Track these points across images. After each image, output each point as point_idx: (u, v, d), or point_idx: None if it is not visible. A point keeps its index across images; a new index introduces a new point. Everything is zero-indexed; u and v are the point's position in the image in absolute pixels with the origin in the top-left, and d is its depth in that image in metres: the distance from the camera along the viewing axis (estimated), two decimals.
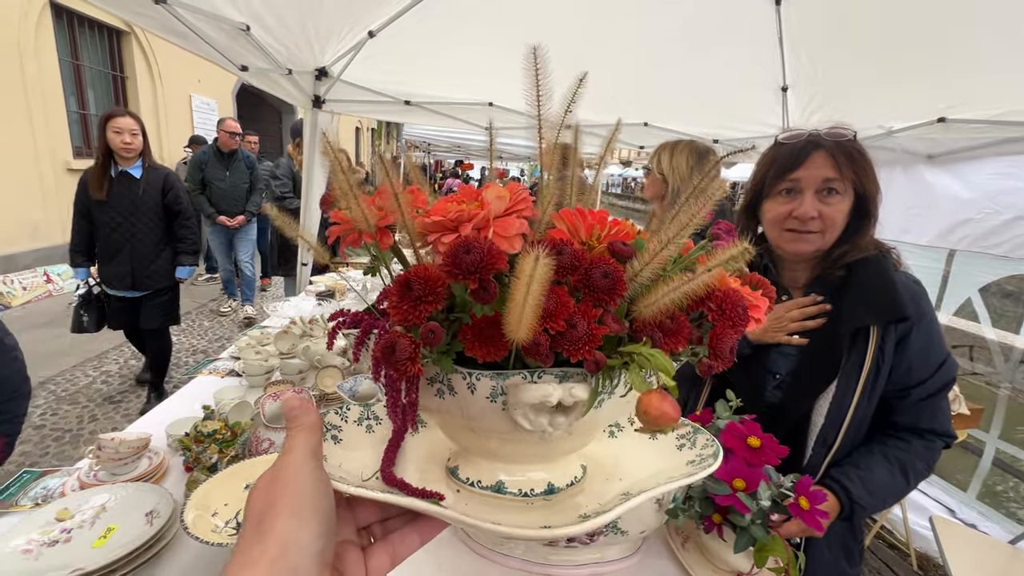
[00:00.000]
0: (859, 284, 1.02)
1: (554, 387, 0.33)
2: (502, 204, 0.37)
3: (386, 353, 0.32)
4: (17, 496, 1.17)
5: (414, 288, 0.33)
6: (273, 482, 0.30)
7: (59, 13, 5.89)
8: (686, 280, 0.35)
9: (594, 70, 1.98)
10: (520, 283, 0.30)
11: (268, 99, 11.76)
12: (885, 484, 0.99)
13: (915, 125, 2.39)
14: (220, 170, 4.66)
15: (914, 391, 1.01)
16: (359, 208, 0.39)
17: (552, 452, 0.41)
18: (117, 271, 2.99)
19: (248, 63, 2.35)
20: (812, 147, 1.00)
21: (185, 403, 1.66)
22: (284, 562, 0.27)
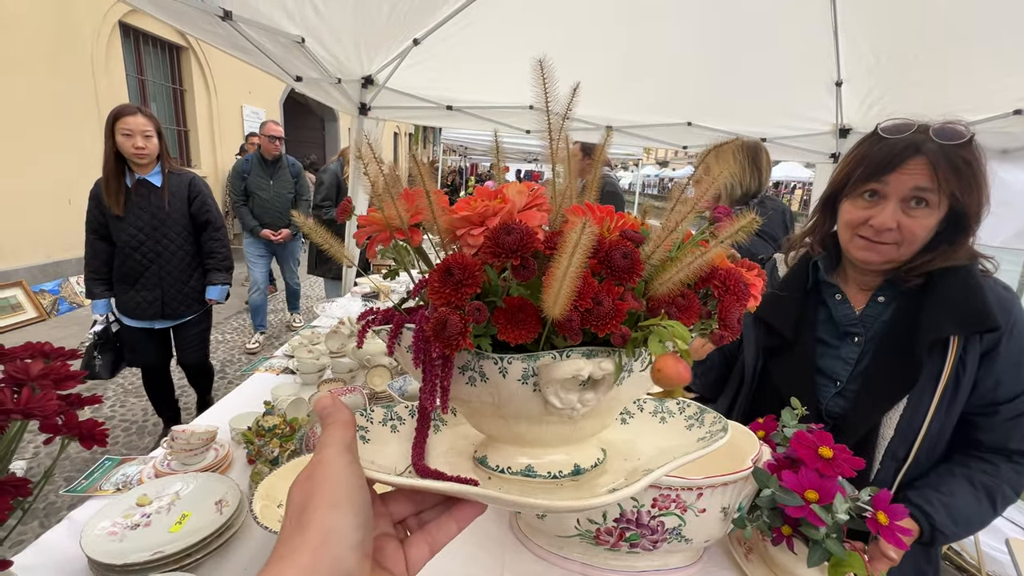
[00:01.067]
0: (940, 290, 0.93)
1: (584, 362, 0.36)
2: (523, 198, 0.40)
3: (438, 329, 0.34)
4: (100, 481, 1.26)
5: (455, 273, 0.36)
6: (310, 477, 0.31)
7: (126, 32, 6.33)
8: (698, 255, 0.38)
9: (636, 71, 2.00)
10: (563, 254, 0.33)
11: (311, 107, 12.22)
12: (970, 512, 0.91)
13: (989, 118, 2.24)
14: (263, 179, 4.26)
15: (1003, 408, 0.93)
16: (393, 206, 0.42)
17: (576, 434, 0.43)
18: (142, 298, 2.51)
19: (302, 73, 2.46)
20: (912, 151, 0.89)
21: (244, 398, 1.74)
22: (326, 551, 0.28)
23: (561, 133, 0.47)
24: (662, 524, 0.73)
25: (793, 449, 0.77)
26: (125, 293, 2.53)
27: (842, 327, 1.06)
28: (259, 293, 4.52)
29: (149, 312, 2.54)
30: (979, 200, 0.90)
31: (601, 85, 3.01)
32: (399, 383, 1.59)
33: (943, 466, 0.97)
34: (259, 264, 4.48)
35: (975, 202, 0.90)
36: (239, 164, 4.33)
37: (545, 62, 0.44)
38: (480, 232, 0.38)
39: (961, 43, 2.09)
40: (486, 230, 0.38)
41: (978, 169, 0.89)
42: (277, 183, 4.33)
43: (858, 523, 0.72)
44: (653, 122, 3.38)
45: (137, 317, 2.55)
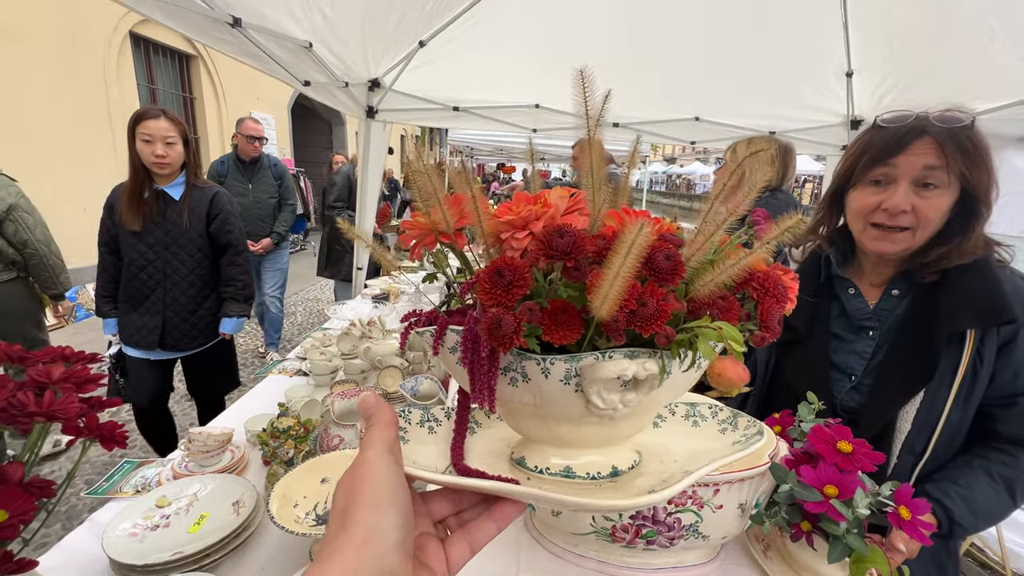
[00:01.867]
0: (957, 283, 0.92)
1: (628, 362, 0.37)
2: (564, 203, 0.41)
3: (493, 328, 0.35)
4: (120, 484, 1.28)
5: (505, 275, 0.37)
6: (352, 478, 0.32)
7: (137, 42, 6.43)
8: (741, 257, 0.39)
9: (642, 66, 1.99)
10: (619, 253, 0.34)
11: (319, 111, 12.33)
12: (989, 504, 0.90)
13: (1005, 105, 2.19)
14: (241, 182, 3.73)
15: (1022, 399, 0.92)
16: (442, 210, 0.43)
17: (614, 436, 0.44)
18: (143, 323, 2.21)
19: (310, 78, 2.48)
20: (917, 133, 0.89)
21: (259, 400, 1.76)
22: (368, 550, 0.28)
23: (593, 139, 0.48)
24: (679, 521, 0.72)
25: (811, 444, 0.76)
26: (127, 315, 2.24)
27: (856, 321, 1.05)
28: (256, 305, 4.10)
29: (147, 340, 2.21)
30: (988, 180, 0.89)
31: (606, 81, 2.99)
32: (411, 383, 1.60)
33: (961, 458, 0.96)
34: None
35: (984, 182, 0.89)
36: (214, 167, 3.80)
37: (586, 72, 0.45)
38: (524, 236, 0.40)
39: (976, 28, 2.05)
40: (530, 234, 0.40)
41: (984, 150, 0.88)
42: (257, 187, 3.82)
43: (879, 518, 0.71)
44: (660, 118, 3.36)
45: (134, 344, 2.23)
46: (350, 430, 1.32)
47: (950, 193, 0.89)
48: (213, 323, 2.36)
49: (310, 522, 1.01)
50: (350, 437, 1.32)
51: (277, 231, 3.93)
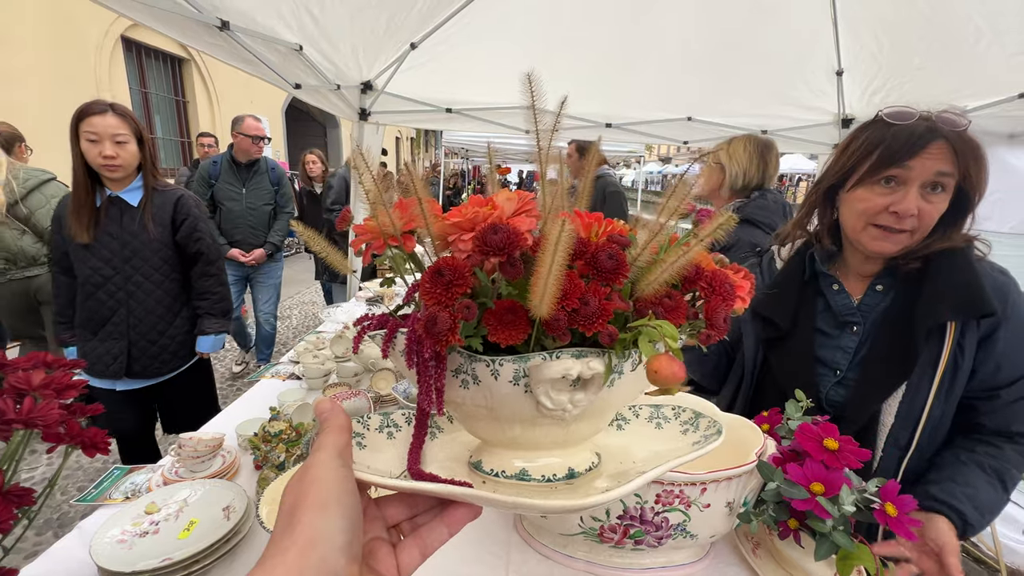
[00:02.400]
0: (937, 277, 0.93)
1: (573, 362, 0.37)
2: (512, 205, 0.41)
3: (429, 326, 0.35)
4: (110, 490, 1.27)
5: (445, 274, 0.37)
6: (301, 480, 0.32)
7: (129, 46, 6.41)
8: (681, 254, 0.39)
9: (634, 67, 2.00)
10: (546, 251, 0.34)
11: (313, 114, 12.31)
12: (990, 499, 0.90)
13: (995, 102, 2.21)
14: (234, 186, 3.38)
15: (1004, 392, 0.92)
16: (387, 214, 0.43)
17: (570, 438, 0.44)
18: (105, 350, 1.92)
19: (301, 81, 2.47)
20: (932, 136, 0.87)
21: (251, 405, 1.75)
22: (313, 552, 0.28)
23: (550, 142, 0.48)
24: (666, 520, 0.72)
25: (798, 441, 0.76)
26: (87, 342, 1.95)
27: (840, 317, 1.05)
28: (234, 321, 3.62)
29: (111, 368, 1.92)
30: (984, 181, 0.91)
31: (599, 81, 3.01)
32: (403, 386, 1.60)
33: (948, 453, 0.96)
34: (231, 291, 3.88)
35: (982, 183, 0.90)
36: (205, 167, 3.40)
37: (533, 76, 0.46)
38: (470, 237, 0.40)
39: (963, 28, 2.07)
40: (473, 237, 0.40)
41: (983, 152, 0.90)
42: (252, 192, 3.45)
43: (866, 515, 0.71)
44: (653, 118, 3.37)
45: (98, 374, 1.93)
46: None
47: (949, 195, 0.91)
48: (187, 343, 2.08)
49: None
50: None
51: (272, 241, 3.60)
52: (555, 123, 0.47)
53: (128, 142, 1.81)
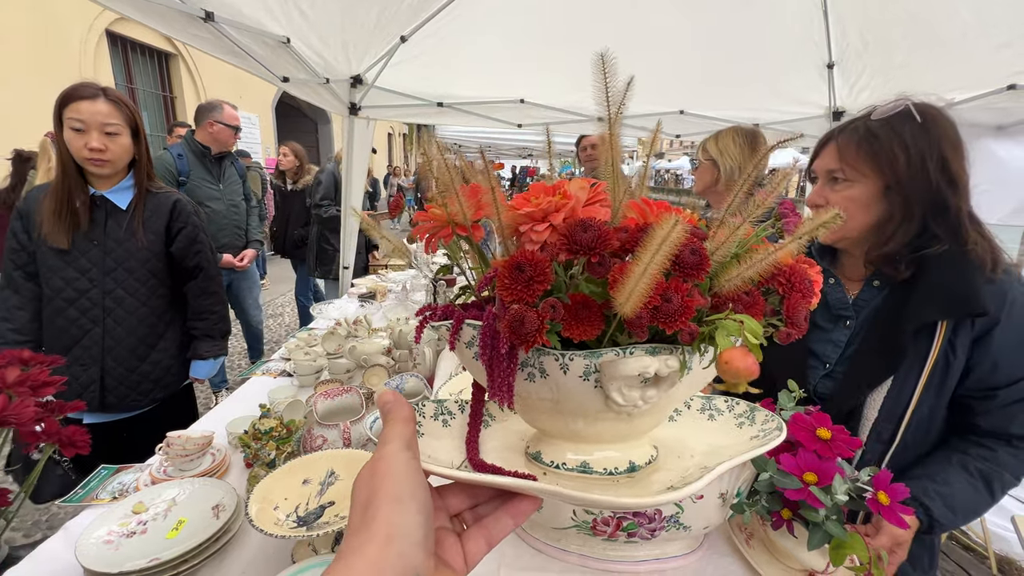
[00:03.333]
0: (931, 276, 0.93)
1: (650, 359, 0.36)
2: (584, 194, 0.40)
3: (515, 326, 0.35)
4: (97, 490, 1.25)
5: (525, 270, 0.36)
6: (373, 474, 0.32)
7: (114, 40, 6.30)
8: (770, 252, 0.37)
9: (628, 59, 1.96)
10: (647, 250, 0.33)
11: (304, 110, 12.19)
12: (967, 500, 0.90)
13: (982, 94, 2.22)
14: (211, 183, 2.99)
15: (1002, 392, 0.91)
16: (459, 202, 0.42)
17: (633, 431, 0.43)
18: (73, 377, 1.61)
19: (289, 74, 2.43)
20: (826, 140, 1.04)
21: (242, 402, 1.73)
22: (392, 548, 0.28)
23: (614, 126, 0.46)
24: (659, 512, 0.72)
25: (791, 432, 0.76)
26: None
27: (835, 311, 1.06)
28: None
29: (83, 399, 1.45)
30: (908, 163, 0.92)
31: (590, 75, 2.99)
32: (396, 382, 1.58)
33: (940, 453, 0.97)
34: None
35: (901, 166, 0.92)
36: (166, 161, 2.81)
37: (607, 56, 0.43)
38: (544, 228, 0.39)
39: (951, 21, 2.07)
40: (549, 226, 0.39)
41: (906, 135, 0.92)
42: (228, 188, 3.12)
43: (858, 504, 0.71)
44: (646, 111, 3.36)
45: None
46: (333, 430, 1.30)
47: (861, 185, 0.96)
48: (172, 369, 1.81)
49: (291, 524, 0.99)
50: (333, 437, 1.30)
51: (256, 239, 3.39)
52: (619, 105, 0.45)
53: (120, 134, 1.55)
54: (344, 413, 1.43)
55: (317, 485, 1.10)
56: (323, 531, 0.92)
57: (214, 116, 2.89)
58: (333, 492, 1.08)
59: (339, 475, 1.13)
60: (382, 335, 2.11)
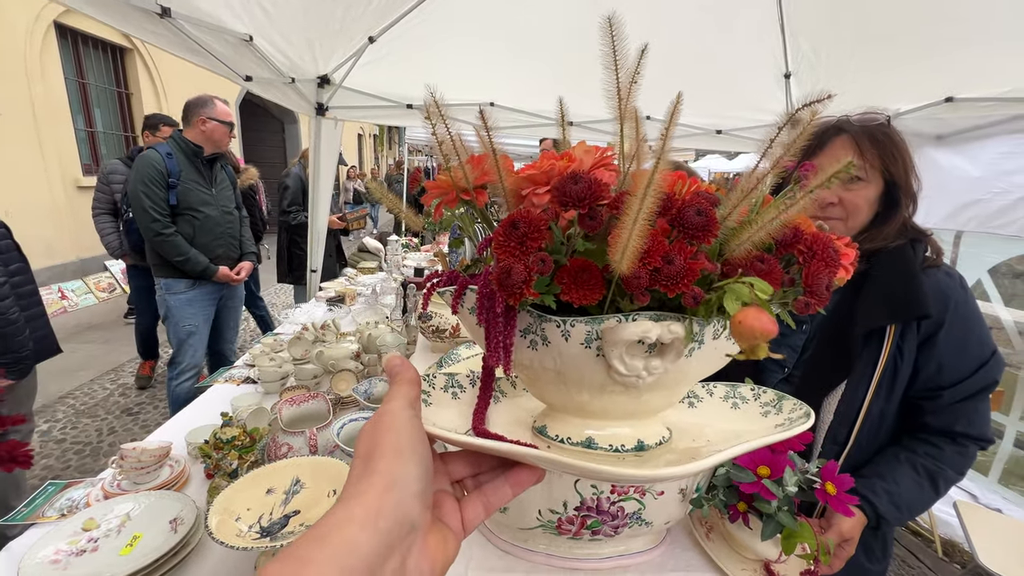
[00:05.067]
0: (877, 280, 0.96)
1: (652, 324, 0.34)
2: (590, 158, 0.39)
3: (503, 278, 0.34)
4: (43, 508, 1.19)
5: (520, 226, 0.35)
6: (376, 426, 0.33)
7: (63, 33, 5.97)
8: (783, 209, 0.35)
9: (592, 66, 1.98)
10: (633, 201, 0.31)
11: (270, 109, 11.86)
12: (913, 497, 0.95)
13: (922, 106, 2.37)
14: (202, 186, 2.65)
15: (947, 392, 0.95)
16: (461, 169, 0.42)
17: (641, 408, 0.42)
18: None
19: (252, 73, 2.37)
20: (834, 132, 0.96)
21: (203, 411, 1.67)
22: (390, 496, 0.29)
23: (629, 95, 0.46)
24: (622, 509, 0.74)
25: None
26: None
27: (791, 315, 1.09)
28: (192, 379, 2.78)
29: None
30: (904, 171, 0.95)
31: (559, 78, 3.03)
32: (364, 386, 1.56)
33: (890, 450, 1.00)
34: (200, 332, 2.77)
35: (900, 171, 0.95)
36: (152, 158, 2.48)
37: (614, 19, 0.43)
38: (545, 191, 0.38)
39: (895, 37, 2.21)
40: (551, 189, 0.37)
41: (899, 142, 0.95)
42: (221, 192, 2.79)
43: (808, 494, 0.75)
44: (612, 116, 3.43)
45: None
46: (299, 437, 1.27)
47: (874, 185, 0.95)
48: None
49: (253, 535, 0.96)
50: (299, 445, 1.27)
51: (252, 251, 2.98)
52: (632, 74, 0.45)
53: None
54: (310, 420, 1.41)
55: (282, 494, 1.08)
56: (287, 540, 0.90)
57: (206, 112, 2.59)
58: (298, 501, 1.06)
59: (305, 483, 1.10)
60: (351, 339, 2.07)
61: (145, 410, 3.43)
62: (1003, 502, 2.53)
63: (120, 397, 3.60)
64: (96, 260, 6.19)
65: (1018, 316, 2.61)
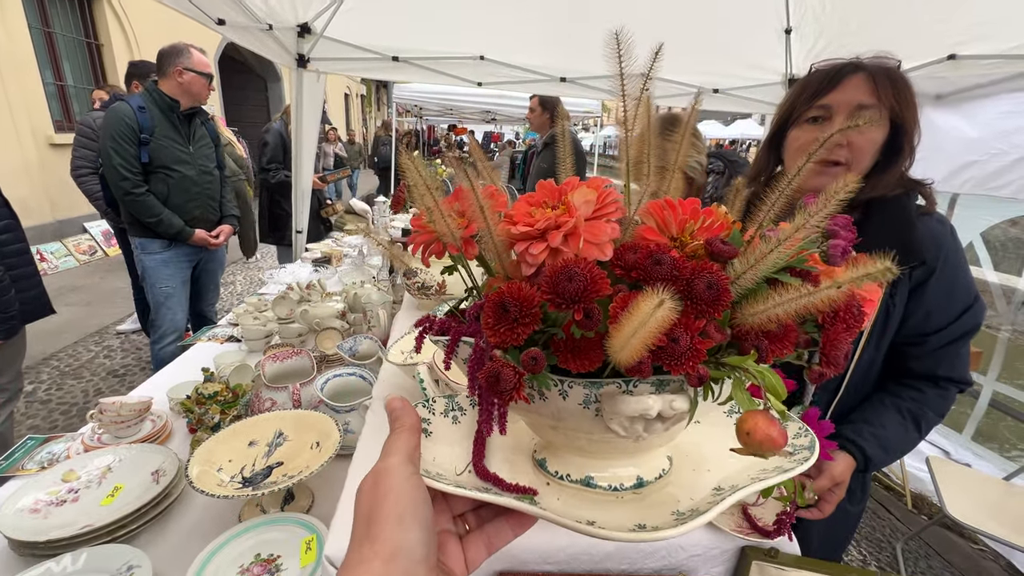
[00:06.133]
0: (874, 229, 0.94)
1: (653, 399, 0.33)
2: (590, 208, 0.36)
3: (491, 383, 0.33)
4: (22, 461, 1.17)
5: (510, 310, 0.33)
6: (376, 487, 0.33)
7: None
8: (805, 294, 0.31)
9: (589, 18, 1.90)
10: (634, 318, 0.29)
11: (252, 66, 11.35)
12: (899, 440, 0.97)
13: (925, 64, 2.30)
14: (178, 143, 2.44)
15: (932, 338, 0.95)
16: (444, 223, 0.39)
17: (640, 449, 0.41)
18: None
19: (225, 16, 2.23)
20: (851, 69, 0.91)
21: (186, 369, 1.65)
22: (395, 565, 0.29)
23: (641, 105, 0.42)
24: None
25: None
26: None
27: None
28: (174, 342, 2.64)
29: None
30: (913, 118, 0.91)
31: (552, 33, 2.90)
32: (349, 344, 1.54)
33: (876, 396, 1.02)
34: (178, 294, 2.62)
35: (911, 118, 0.91)
36: (122, 111, 2.29)
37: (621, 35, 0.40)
38: (541, 250, 0.35)
39: None
40: (547, 248, 0.35)
41: (910, 88, 0.91)
42: (199, 150, 2.54)
43: None
44: (607, 72, 3.31)
45: None
46: (282, 392, 1.26)
47: (882, 128, 0.91)
48: None
49: (236, 485, 0.96)
50: (282, 400, 1.26)
51: (232, 213, 2.76)
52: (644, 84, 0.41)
53: None
54: (294, 376, 1.39)
55: (264, 446, 1.07)
56: (268, 489, 0.90)
57: (183, 62, 2.33)
58: (281, 453, 1.06)
59: (288, 436, 1.10)
60: (337, 299, 2.04)
61: (131, 372, 3.41)
62: (974, 458, 2.64)
63: (105, 359, 3.57)
64: (74, 222, 6.01)
65: (1005, 279, 2.64)
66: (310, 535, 0.90)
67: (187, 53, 2.36)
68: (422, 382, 0.92)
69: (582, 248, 0.35)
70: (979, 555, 2.28)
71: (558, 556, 0.73)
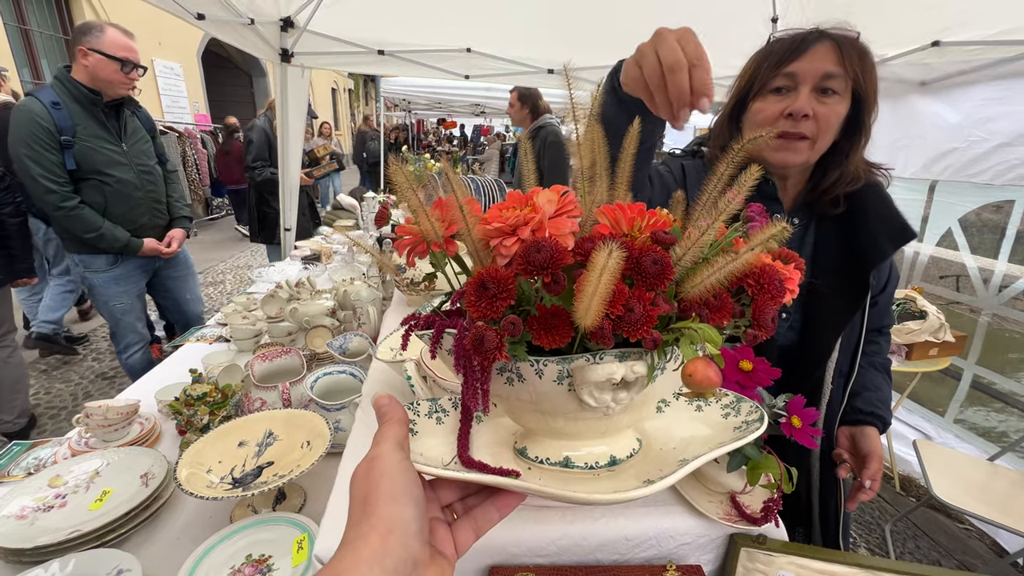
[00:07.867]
0: (868, 214, 0.95)
1: (616, 365, 0.38)
2: (552, 207, 0.42)
3: (476, 344, 0.37)
4: (8, 467, 1.16)
5: (489, 287, 0.38)
6: (369, 471, 0.35)
7: None
8: (729, 260, 0.39)
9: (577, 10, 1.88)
10: (592, 274, 0.35)
11: (236, 61, 11.17)
12: (887, 393, 1.05)
13: (909, 51, 2.31)
14: (108, 142, 2.06)
15: (880, 297, 1.04)
16: (428, 223, 0.45)
17: (612, 428, 0.45)
18: None
19: (205, 10, 2.19)
20: (816, 36, 0.88)
21: (174, 370, 1.64)
22: (392, 537, 0.31)
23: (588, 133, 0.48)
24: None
25: None
26: None
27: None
28: (141, 349, 2.45)
29: None
30: (875, 91, 0.90)
31: (538, 24, 2.88)
32: (339, 341, 1.54)
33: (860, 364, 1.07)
34: (134, 308, 2.36)
35: (872, 91, 0.89)
36: (32, 109, 1.89)
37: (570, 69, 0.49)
38: (513, 243, 0.41)
39: None
40: (518, 240, 0.41)
41: (872, 60, 0.89)
42: (135, 148, 2.17)
43: (774, 428, 0.76)
44: (597, 63, 3.30)
45: None
46: (272, 392, 1.25)
47: (845, 102, 0.88)
48: None
49: (225, 486, 0.96)
50: (272, 399, 1.26)
51: (183, 215, 2.42)
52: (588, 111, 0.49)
53: None
54: (283, 375, 1.38)
55: (254, 447, 1.06)
56: (259, 490, 0.89)
57: (88, 42, 1.88)
58: (272, 453, 1.05)
59: (278, 435, 1.09)
60: (327, 296, 2.03)
61: (121, 374, 3.37)
62: (956, 440, 2.69)
63: (93, 362, 3.53)
64: None
65: (983, 263, 2.67)
66: (302, 534, 0.90)
67: (98, 32, 1.92)
68: (410, 379, 0.92)
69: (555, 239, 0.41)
70: (965, 535, 2.34)
71: (548, 549, 0.74)
